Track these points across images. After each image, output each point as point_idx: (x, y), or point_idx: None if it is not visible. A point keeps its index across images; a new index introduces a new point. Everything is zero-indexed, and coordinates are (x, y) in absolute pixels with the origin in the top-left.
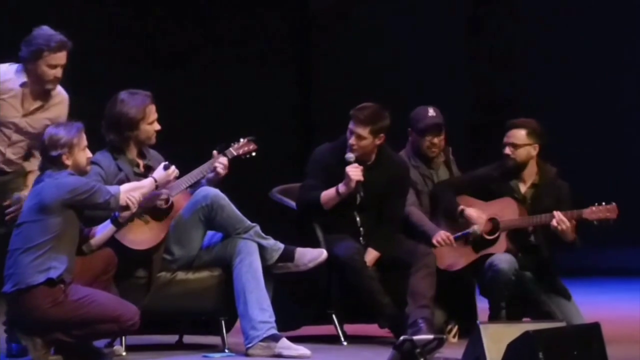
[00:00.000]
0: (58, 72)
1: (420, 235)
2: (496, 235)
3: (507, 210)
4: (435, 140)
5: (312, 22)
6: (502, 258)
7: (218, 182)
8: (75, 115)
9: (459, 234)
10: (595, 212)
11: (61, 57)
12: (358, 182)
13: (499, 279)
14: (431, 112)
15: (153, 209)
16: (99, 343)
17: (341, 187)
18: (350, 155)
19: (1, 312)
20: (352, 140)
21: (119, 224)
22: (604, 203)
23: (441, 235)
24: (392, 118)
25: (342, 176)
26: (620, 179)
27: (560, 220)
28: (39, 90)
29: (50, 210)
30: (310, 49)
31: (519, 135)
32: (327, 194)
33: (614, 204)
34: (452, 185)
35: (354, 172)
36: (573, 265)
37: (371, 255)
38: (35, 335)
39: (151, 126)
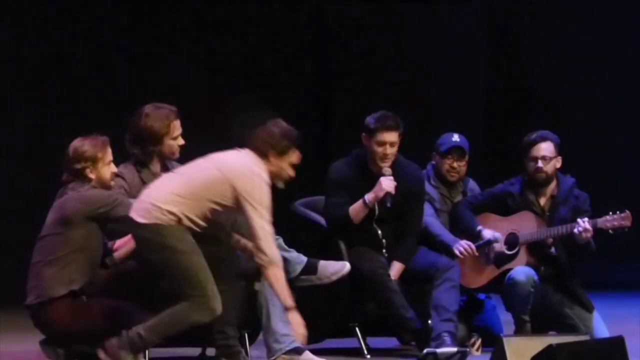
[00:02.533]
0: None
1: (440, 246)
2: (516, 249)
3: (525, 224)
4: (455, 164)
5: (332, 34)
6: (519, 270)
7: None
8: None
9: (481, 242)
10: (610, 220)
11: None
12: (388, 193)
13: (517, 292)
14: (455, 137)
15: None
16: None
17: (368, 196)
18: (387, 170)
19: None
20: (387, 150)
21: None
22: (618, 211)
23: (462, 245)
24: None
25: (362, 189)
26: None
27: (584, 228)
28: None
29: (72, 223)
30: (330, 59)
31: (550, 147)
32: (355, 207)
33: (627, 212)
34: (471, 204)
35: (388, 184)
36: (597, 278)
37: (396, 267)
38: (58, 347)
39: (175, 141)
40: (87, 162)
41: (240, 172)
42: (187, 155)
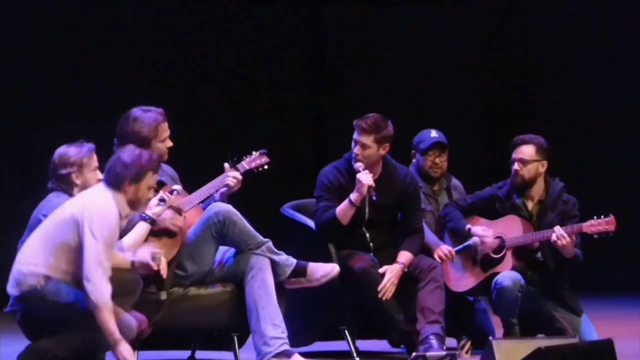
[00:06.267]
0: None
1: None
2: (502, 253)
3: (512, 228)
4: (437, 160)
5: (328, 35)
6: (505, 275)
7: (230, 196)
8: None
9: (460, 247)
10: (595, 225)
11: None
12: (370, 187)
13: (504, 296)
14: (433, 132)
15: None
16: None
17: (353, 195)
18: (359, 164)
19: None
20: (356, 150)
21: (153, 222)
22: (602, 216)
23: (442, 250)
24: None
25: (352, 191)
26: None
27: (560, 235)
28: None
29: None
30: (326, 61)
31: (528, 151)
32: (341, 207)
33: (612, 216)
34: (459, 207)
35: (365, 177)
36: (586, 281)
37: (404, 256)
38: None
39: (163, 144)
40: (73, 167)
41: (88, 209)
42: (178, 156)
